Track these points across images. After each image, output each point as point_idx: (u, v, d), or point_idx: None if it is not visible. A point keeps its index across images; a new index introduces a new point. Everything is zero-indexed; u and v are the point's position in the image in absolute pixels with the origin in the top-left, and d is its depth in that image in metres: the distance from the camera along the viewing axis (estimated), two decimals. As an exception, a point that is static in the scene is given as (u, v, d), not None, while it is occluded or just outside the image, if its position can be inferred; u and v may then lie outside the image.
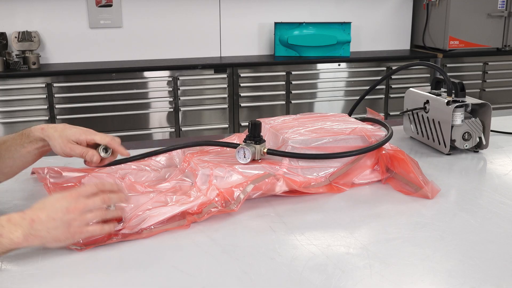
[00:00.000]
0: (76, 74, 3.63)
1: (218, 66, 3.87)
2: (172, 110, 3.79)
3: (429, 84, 2.07)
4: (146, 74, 3.75)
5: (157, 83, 3.76)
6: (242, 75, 3.87)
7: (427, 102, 1.67)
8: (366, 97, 1.79)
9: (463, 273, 0.95)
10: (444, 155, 1.61)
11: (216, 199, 1.19)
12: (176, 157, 1.46)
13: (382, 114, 4.00)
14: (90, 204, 1.02)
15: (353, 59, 4.15)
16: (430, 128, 1.66)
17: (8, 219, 0.97)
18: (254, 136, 1.33)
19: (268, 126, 1.48)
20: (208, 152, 1.41)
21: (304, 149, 1.34)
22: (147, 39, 4.07)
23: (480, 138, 1.61)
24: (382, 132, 1.43)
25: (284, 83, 3.97)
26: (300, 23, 4.16)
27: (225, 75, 3.84)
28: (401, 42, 4.66)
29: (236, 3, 4.19)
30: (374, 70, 4.13)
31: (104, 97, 3.64)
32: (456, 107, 1.56)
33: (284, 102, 4.00)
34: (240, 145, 1.32)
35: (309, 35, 4.13)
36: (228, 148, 1.40)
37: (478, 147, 1.63)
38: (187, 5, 4.10)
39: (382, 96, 4.21)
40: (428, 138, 1.68)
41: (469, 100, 1.61)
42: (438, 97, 1.64)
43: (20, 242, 0.96)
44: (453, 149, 1.62)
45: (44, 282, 0.94)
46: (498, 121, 1.84)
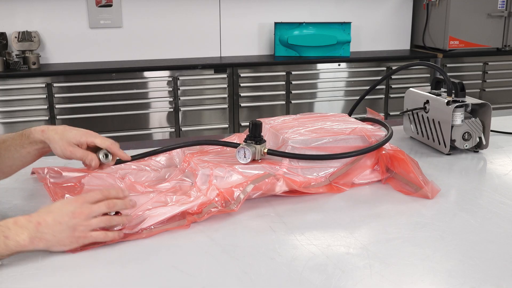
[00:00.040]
0: (76, 74, 3.63)
1: (218, 66, 3.87)
2: (172, 110, 3.78)
3: (429, 84, 2.07)
4: (146, 74, 3.75)
5: (157, 83, 3.76)
6: (242, 75, 3.87)
7: (427, 102, 1.67)
8: (366, 97, 1.79)
9: (463, 273, 0.95)
10: (444, 155, 1.61)
11: (216, 199, 1.19)
12: (176, 157, 1.46)
13: (382, 114, 4.00)
14: (96, 210, 1.04)
15: (353, 59, 4.15)
16: (430, 128, 1.66)
17: (14, 222, 0.99)
18: (255, 136, 1.33)
19: (268, 126, 1.48)
20: (208, 152, 1.40)
21: (304, 149, 1.34)
22: (147, 39, 4.07)
23: (480, 138, 1.61)
24: (382, 132, 1.43)
25: (284, 83, 3.97)
26: (300, 23, 4.16)
27: (225, 75, 3.84)
28: (401, 42, 4.66)
29: (236, 3, 4.19)
30: (374, 70, 4.13)
31: (104, 97, 3.64)
32: (456, 107, 1.56)
33: (284, 102, 4.00)
34: (240, 145, 1.32)
35: (309, 35, 4.13)
36: (228, 148, 1.40)
37: (478, 147, 1.63)
38: (187, 5, 4.10)
39: (382, 96, 4.21)
40: (428, 138, 1.68)
41: (469, 100, 1.61)
42: (438, 97, 1.64)
43: (26, 245, 0.98)
44: (453, 149, 1.62)
45: (44, 282, 0.94)
46: (498, 121, 1.84)
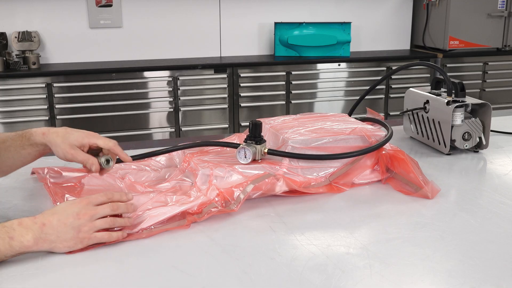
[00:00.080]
0: (76, 74, 3.63)
1: (218, 66, 3.87)
2: (172, 110, 3.78)
3: (429, 84, 2.07)
4: (146, 74, 3.75)
5: (157, 83, 3.76)
6: (242, 75, 3.87)
7: (427, 102, 1.67)
8: (366, 97, 1.79)
9: (463, 273, 0.95)
10: (444, 155, 1.61)
11: (216, 199, 1.18)
12: (176, 157, 1.46)
13: (382, 114, 4.00)
14: (100, 212, 1.05)
15: (353, 59, 4.14)
16: (430, 128, 1.66)
17: (19, 223, 0.99)
18: (255, 136, 1.33)
19: (268, 126, 1.48)
20: (208, 152, 1.40)
21: (304, 149, 1.34)
22: (147, 39, 4.06)
23: (480, 138, 1.61)
24: (382, 132, 1.43)
25: (284, 83, 3.97)
26: (300, 23, 4.16)
27: (225, 75, 3.84)
28: (401, 42, 4.66)
29: (236, 3, 4.19)
30: (374, 70, 4.13)
31: (104, 97, 3.64)
32: (456, 107, 1.56)
33: (284, 102, 4.00)
34: (240, 145, 1.32)
35: (309, 35, 4.13)
36: (228, 148, 1.40)
37: (478, 147, 1.63)
38: (187, 5, 4.10)
39: (382, 96, 4.21)
40: (428, 138, 1.68)
41: (469, 100, 1.61)
42: (438, 97, 1.64)
43: (30, 246, 0.98)
44: (453, 149, 1.62)
45: (44, 282, 0.94)
46: (498, 121, 1.84)
